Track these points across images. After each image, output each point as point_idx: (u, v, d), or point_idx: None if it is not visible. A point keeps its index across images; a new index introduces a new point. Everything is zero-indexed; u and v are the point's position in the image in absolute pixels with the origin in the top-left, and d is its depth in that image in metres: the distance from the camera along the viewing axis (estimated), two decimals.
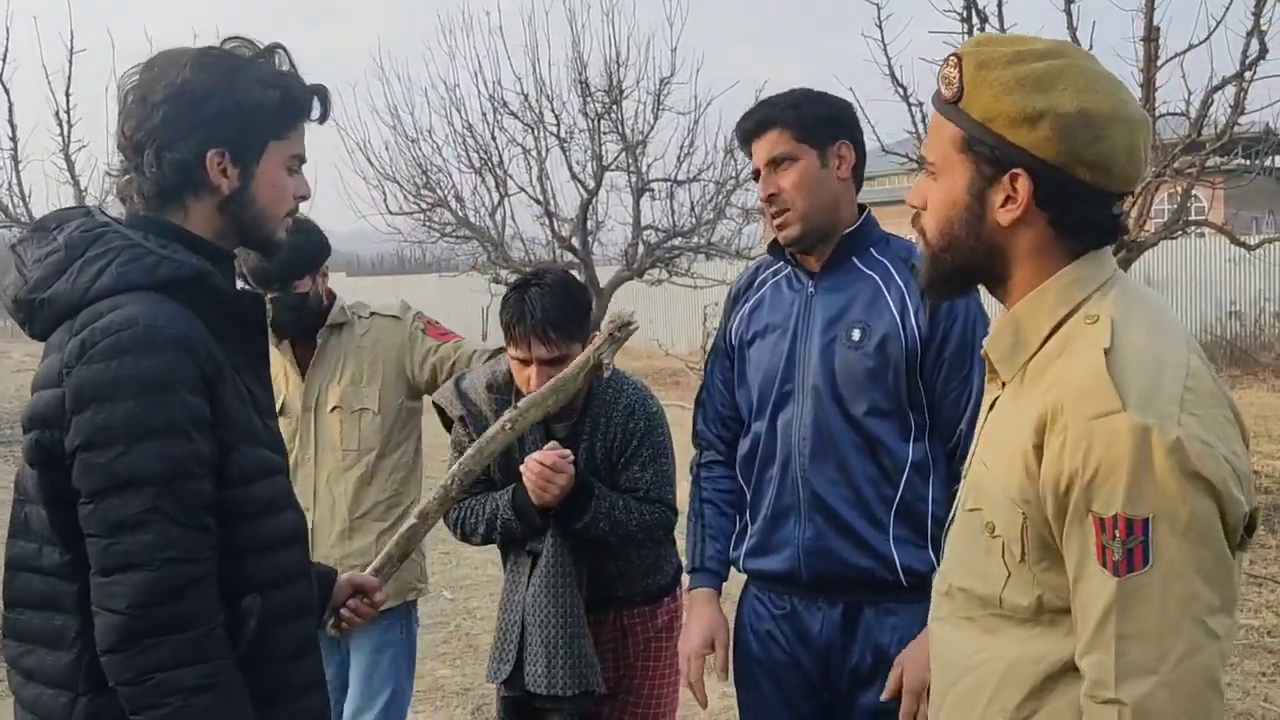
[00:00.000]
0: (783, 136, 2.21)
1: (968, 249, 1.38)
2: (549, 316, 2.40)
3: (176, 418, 1.50)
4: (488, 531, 2.54)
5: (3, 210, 11.82)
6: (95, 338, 1.50)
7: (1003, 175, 1.33)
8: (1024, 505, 1.31)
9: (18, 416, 9.14)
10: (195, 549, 1.51)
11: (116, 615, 1.48)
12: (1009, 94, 1.31)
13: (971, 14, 7.03)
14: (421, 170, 13.57)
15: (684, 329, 20.26)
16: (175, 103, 1.59)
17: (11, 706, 1.66)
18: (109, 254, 1.57)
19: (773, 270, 2.36)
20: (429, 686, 4.58)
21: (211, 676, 1.50)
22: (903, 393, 2.16)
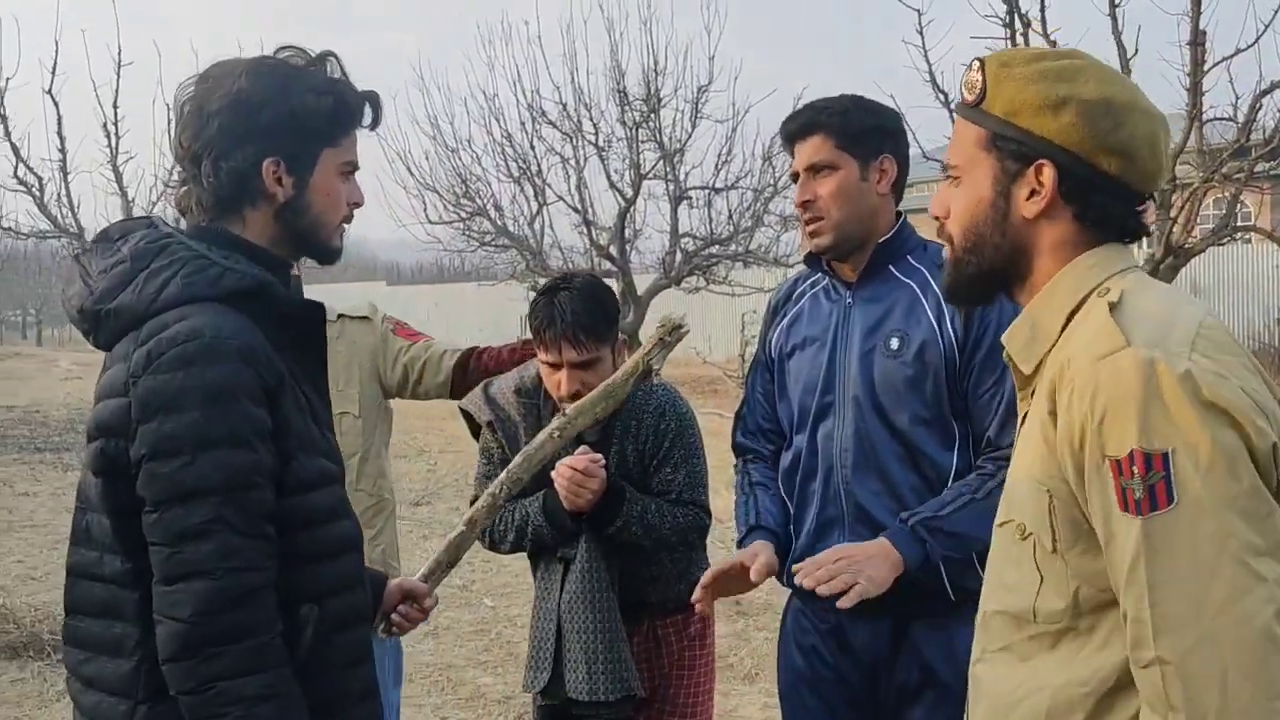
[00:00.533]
0: (825, 143, 2.18)
1: (993, 247, 1.37)
2: (579, 320, 2.40)
3: (239, 428, 1.51)
4: (517, 539, 2.52)
5: (52, 220, 12.03)
6: (162, 348, 1.52)
7: (1027, 168, 1.33)
8: (1048, 482, 1.26)
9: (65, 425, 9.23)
10: (256, 558, 1.52)
11: (179, 623, 1.49)
12: (1032, 84, 1.32)
13: (1014, 19, 6.98)
14: (461, 179, 13.70)
15: (721, 337, 20.21)
16: (231, 112, 1.60)
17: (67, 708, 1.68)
18: (174, 265, 1.58)
19: (810, 282, 2.34)
20: (470, 695, 4.60)
21: (271, 686, 1.50)
22: (944, 400, 2.13)
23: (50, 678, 4.75)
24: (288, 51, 1.69)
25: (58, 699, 4.54)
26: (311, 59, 1.69)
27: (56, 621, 5.30)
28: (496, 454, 2.57)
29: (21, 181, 11.61)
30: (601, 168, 13.13)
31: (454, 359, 2.84)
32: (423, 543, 6.98)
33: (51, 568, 6.55)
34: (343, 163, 1.70)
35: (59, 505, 8.38)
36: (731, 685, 4.56)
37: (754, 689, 4.57)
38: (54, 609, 5.52)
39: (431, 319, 26.91)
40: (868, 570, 1.97)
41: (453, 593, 5.98)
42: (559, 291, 2.45)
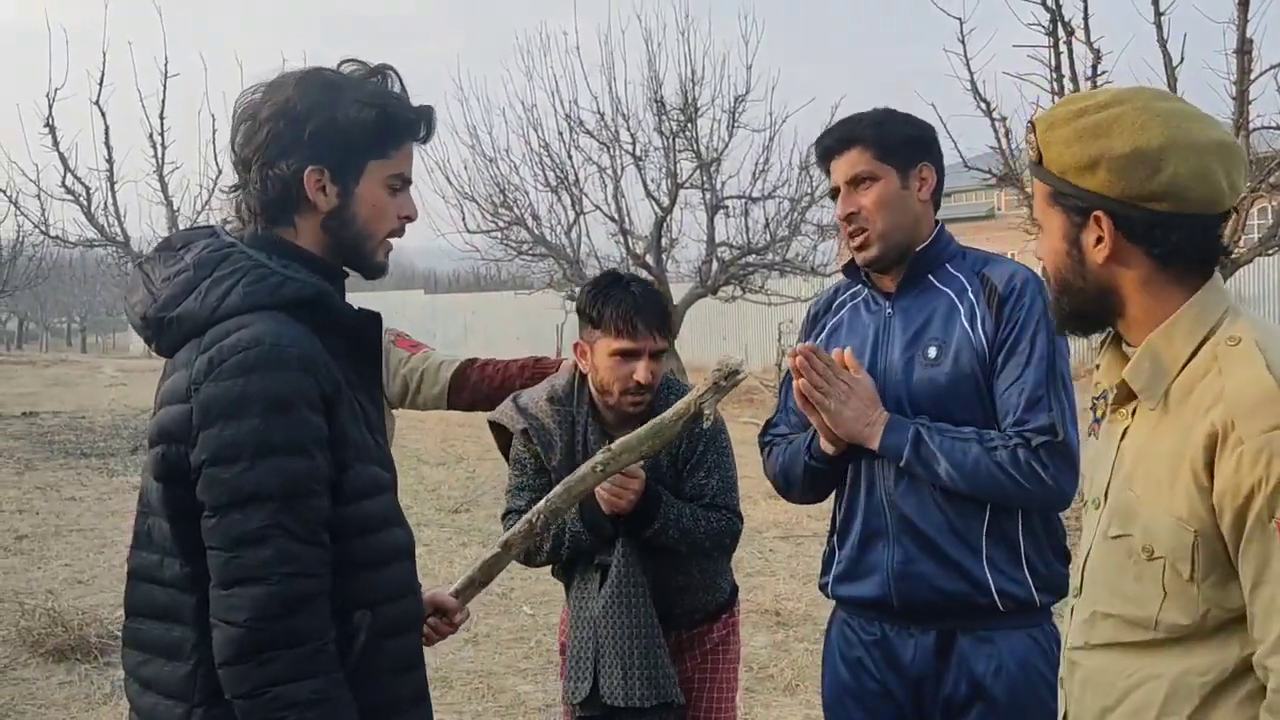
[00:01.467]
0: (864, 155, 2.18)
1: (1078, 290, 1.49)
2: (660, 309, 2.47)
3: (299, 436, 1.54)
4: (554, 548, 2.51)
5: (99, 229, 12.23)
6: (223, 355, 1.54)
7: (1088, 219, 1.45)
8: (1196, 523, 1.36)
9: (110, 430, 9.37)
10: (313, 564, 1.54)
11: (235, 628, 1.51)
12: (1069, 147, 1.44)
13: (1057, 27, 6.93)
14: (499, 189, 13.77)
15: (758, 346, 20.18)
16: (278, 121, 1.63)
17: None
18: (236, 274, 1.61)
19: (851, 293, 2.34)
20: (510, 702, 4.61)
21: (324, 691, 1.52)
22: (984, 403, 2.13)
23: (97, 681, 4.82)
24: (350, 65, 1.71)
25: (104, 701, 4.60)
26: (368, 71, 1.70)
27: (104, 625, 5.39)
28: (530, 464, 2.57)
29: (69, 191, 11.82)
30: (638, 177, 13.15)
31: (450, 370, 2.85)
32: (461, 550, 7.02)
33: (98, 572, 6.65)
34: (390, 175, 1.70)
35: (105, 510, 8.50)
36: (772, 697, 4.54)
37: (795, 700, 4.55)
38: (101, 612, 5.60)
39: (469, 328, 27.08)
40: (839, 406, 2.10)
41: (492, 600, 6.00)
42: (629, 283, 2.50)
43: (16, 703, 4.59)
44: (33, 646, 5.10)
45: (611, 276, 2.55)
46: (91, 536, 7.60)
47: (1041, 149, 1.47)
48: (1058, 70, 7.12)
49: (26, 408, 15.28)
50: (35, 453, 11.43)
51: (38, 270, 22.57)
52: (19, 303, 35.14)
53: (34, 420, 14.12)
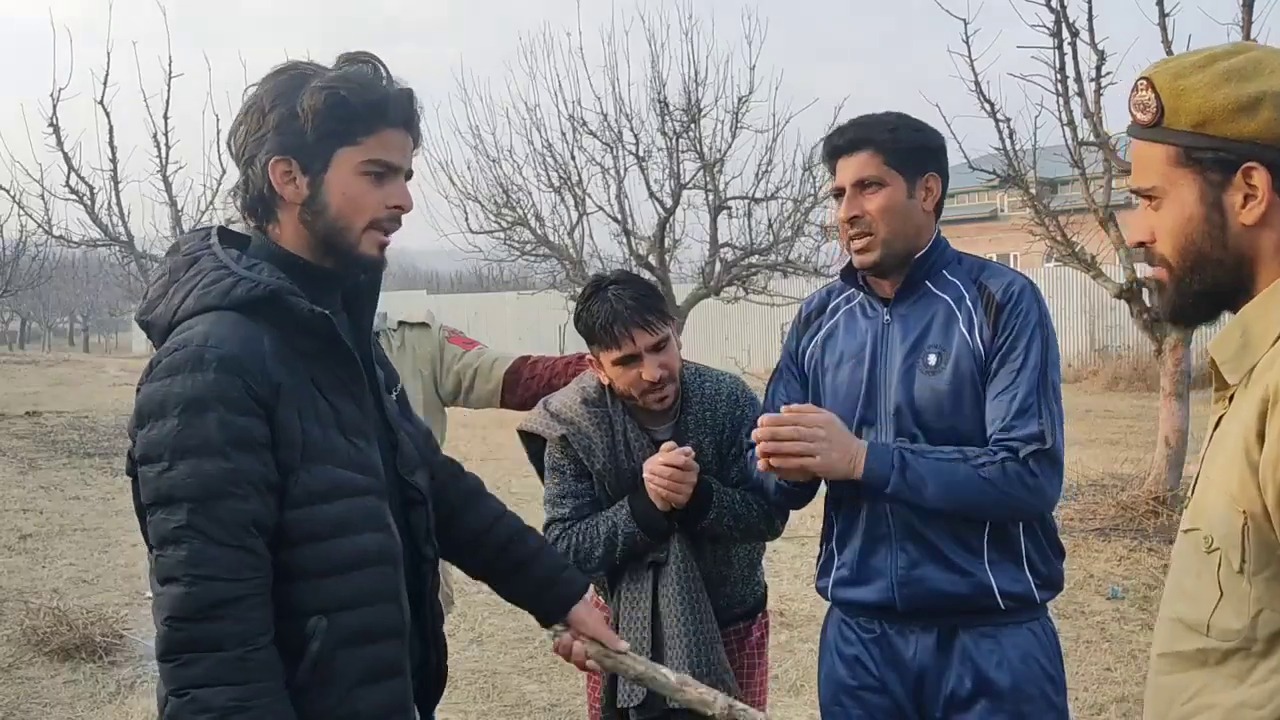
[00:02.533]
0: (874, 160, 2.16)
1: (1216, 262, 1.30)
2: (641, 304, 2.40)
3: (212, 437, 1.51)
4: (607, 552, 2.44)
5: (102, 229, 12.21)
6: (159, 358, 1.58)
7: (1234, 175, 1.27)
8: (1246, 504, 1.21)
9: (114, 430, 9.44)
10: (232, 568, 1.51)
11: (160, 625, 1.53)
12: (1218, 89, 1.26)
13: (1061, 28, 6.92)
14: (502, 189, 13.75)
15: (760, 347, 20.17)
16: (250, 117, 1.65)
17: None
18: (197, 276, 1.63)
19: (845, 297, 2.33)
20: (515, 702, 4.61)
21: (245, 700, 1.49)
22: (983, 410, 2.13)
23: (102, 680, 4.83)
24: (294, 64, 1.68)
25: (109, 700, 4.61)
26: (346, 59, 1.67)
27: (108, 624, 5.40)
28: (570, 469, 2.51)
29: (73, 190, 11.78)
30: (641, 178, 13.11)
31: (505, 367, 2.83)
32: None
33: (102, 571, 6.66)
34: (364, 161, 1.64)
35: (108, 509, 8.51)
36: (777, 697, 4.54)
37: (799, 700, 4.55)
38: (105, 611, 5.61)
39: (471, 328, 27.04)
40: (825, 450, 2.04)
41: (496, 601, 5.98)
42: (606, 288, 2.43)
43: (21, 702, 4.60)
44: (38, 645, 5.11)
45: (591, 287, 2.50)
46: (96, 536, 7.61)
47: (1168, 103, 1.29)
48: (1062, 71, 7.11)
49: (30, 407, 15.29)
50: (39, 452, 11.44)
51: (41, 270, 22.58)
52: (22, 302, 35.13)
53: (37, 420, 14.13)
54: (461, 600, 5.87)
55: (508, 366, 2.85)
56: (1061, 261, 8.70)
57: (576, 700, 4.55)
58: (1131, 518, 7.19)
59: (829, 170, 2.27)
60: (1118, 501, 7.38)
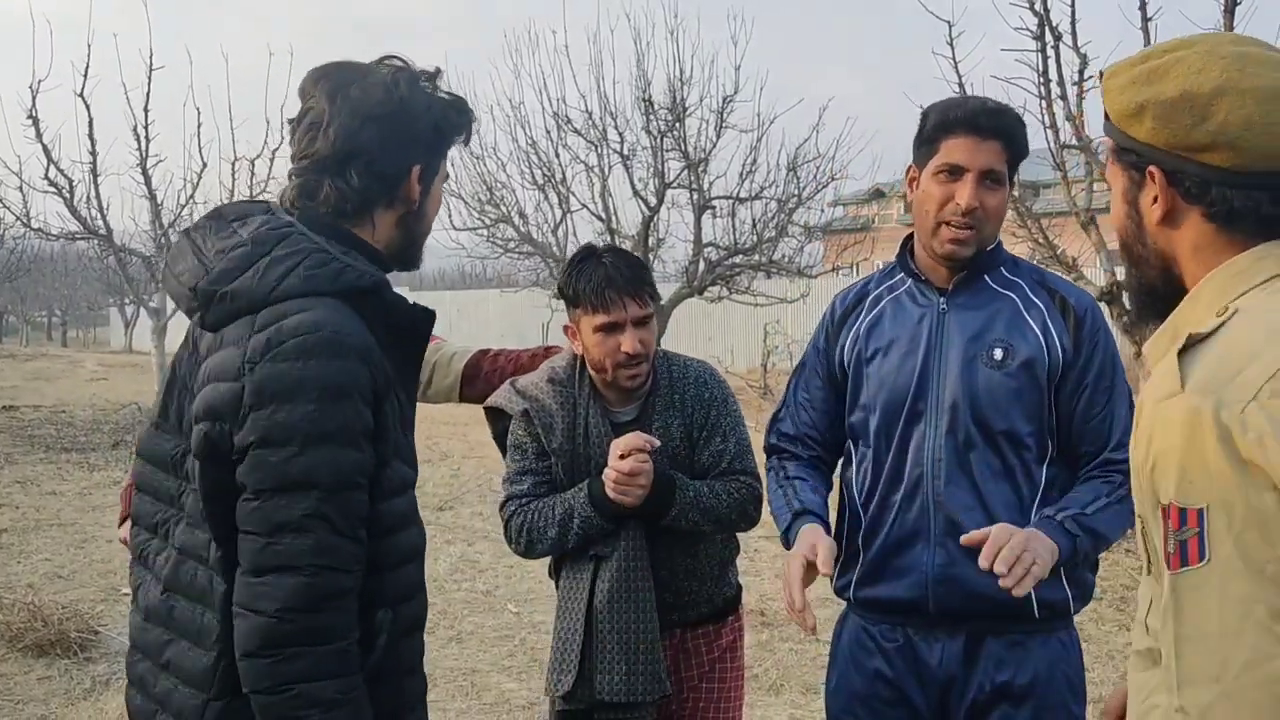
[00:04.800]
0: (1003, 154, 2.07)
1: (1142, 259, 1.34)
2: (636, 275, 2.39)
3: (352, 426, 1.49)
4: (560, 534, 2.40)
5: (81, 222, 12.12)
6: (282, 337, 1.50)
7: (1144, 176, 1.29)
8: (1138, 508, 1.25)
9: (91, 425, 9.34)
10: (348, 560, 1.50)
11: (263, 617, 1.46)
12: (1123, 94, 1.29)
13: (1045, 31, 6.95)
14: (486, 186, 13.73)
15: (743, 347, 20.19)
16: (394, 120, 1.62)
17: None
18: (296, 255, 1.57)
19: (887, 286, 2.24)
20: (495, 700, 4.60)
21: (347, 692, 1.48)
22: (1044, 416, 2.09)
23: (77, 676, 4.78)
24: (398, 62, 1.69)
25: (84, 697, 4.57)
26: (429, 74, 1.71)
27: (84, 620, 5.35)
28: (531, 447, 2.48)
29: (52, 183, 11.68)
30: (626, 176, 13.13)
31: (463, 361, 2.77)
32: (446, 547, 6.99)
33: (78, 567, 6.60)
34: (445, 173, 1.76)
35: (85, 505, 8.44)
36: (757, 696, 4.54)
37: (779, 700, 4.55)
38: (81, 607, 5.56)
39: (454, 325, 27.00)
40: (1037, 550, 1.87)
41: (476, 598, 5.98)
42: (600, 255, 2.42)
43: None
44: (12, 642, 5.06)
45: (584, 251, 2.47)
46: (71, 531, 7.54)
47: (1105, 101, 1.33)
48: (1044, 75, 7.14)
49: (6, 401, 15.14)
50: (15, 447, 11.33)
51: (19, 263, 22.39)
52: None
53: (14, 414, 14.00)
54: (441, 598, 5.86)
55: (466, 360, 2.80)
56: (1043, 263, 8.73)
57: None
58: None
59: (943, 136, 2.08)
60: None
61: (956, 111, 2.08)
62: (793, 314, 16.39)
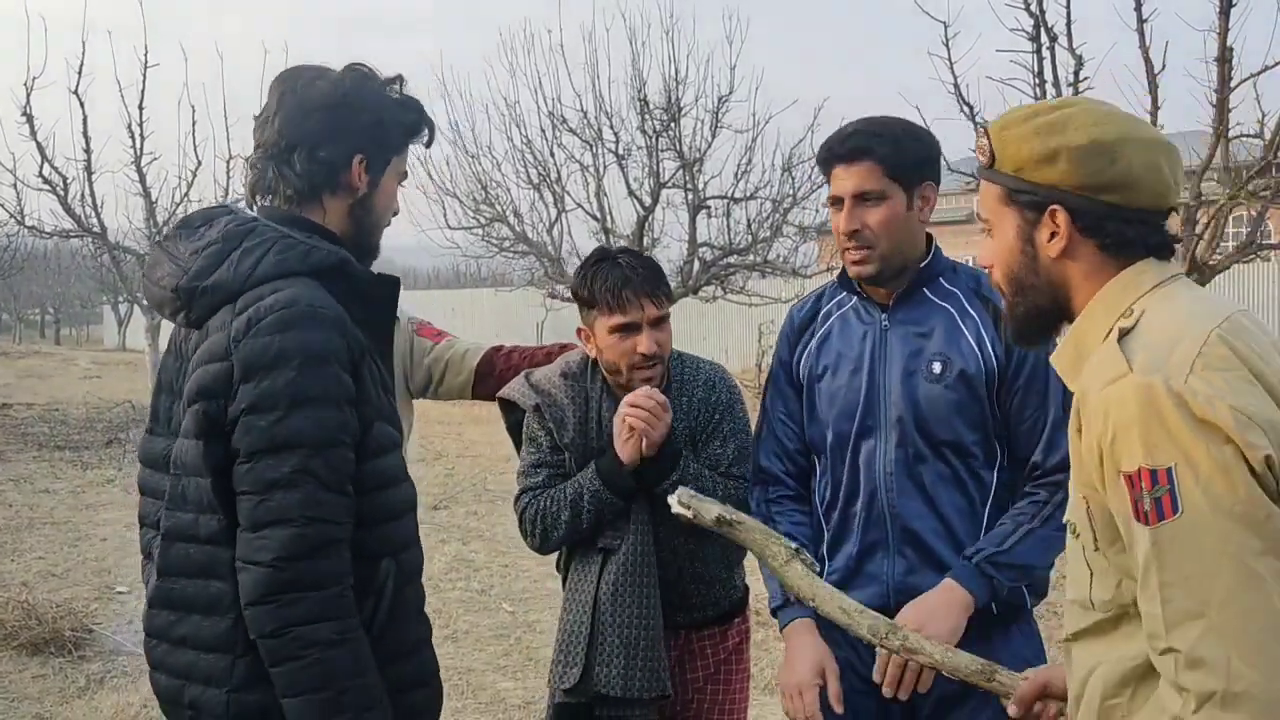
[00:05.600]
0: (874, 171, 2.13)
1: (1032, 287, 1.52)
2: (654, 276, 2.41)
3: (331, 389, 1.63)
4: (573, 515, 2.40)
5: (76, 220, 12.07)
6: (261, 314, 1.64)
7: (1043, 214, 1.49)
8: (1084, 489, 1.40)
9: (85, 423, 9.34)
10: (337, 512, 1.63)
11: (262, 568, 1.59)
12: (1028, 142, 1.48)
13: (1040, 33, 6.97)
14: (481, 185, 13.71)
15: (738, 346, 20.21)
16: (334, 110, 1.78)
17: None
18: (264, 244, 1.71)
19: (836, 302, 2.31)
20: (491, 699, 4.60)
21: (344, 633, 1.62)
22: (987, 423, 2.15)
23: (71, 674, 4.78)
24: (363, 68, 1.86)
25: (79, 695, 4.56)
26: (389, 78, 1.87)
27: (78, 618, 5.34)
28: (545, 441, 2.49)
29: (46, 180, 11.62)
30: (621, 176, 13.13)
31: (476, 358, 2.77)
32: (441, 546, 7.00)
33: (71, 565, 6.59)
34: (401, 171, 1.90)
35: (79, 503, 8.43)
36: (753, 696, 4.51)
37: (774, 700, 4.56)
38: (75, 605, 5.55)
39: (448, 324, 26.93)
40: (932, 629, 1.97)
41: (471, 597, 5.99)
42: (617, 256, 2.43)
43: None
44: (6, 640, 5.05)
45: (599, 253, 2.48)
46: (65, 529, 7.53)
47: (996, 150, 1.52)
48: (1040, 75, 7.16)
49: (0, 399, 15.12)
50: (8, 445, 11.31)
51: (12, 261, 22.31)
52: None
53: (7, 412, 13.97)
54: (436, 598, 5.86)
55: (480, 357, 2.79)
56: None
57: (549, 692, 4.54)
58: None
59: (824, 175, 2.23)
60: None
61: (824, 147, 2.21)
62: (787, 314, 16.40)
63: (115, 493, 8.99)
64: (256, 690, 1.65)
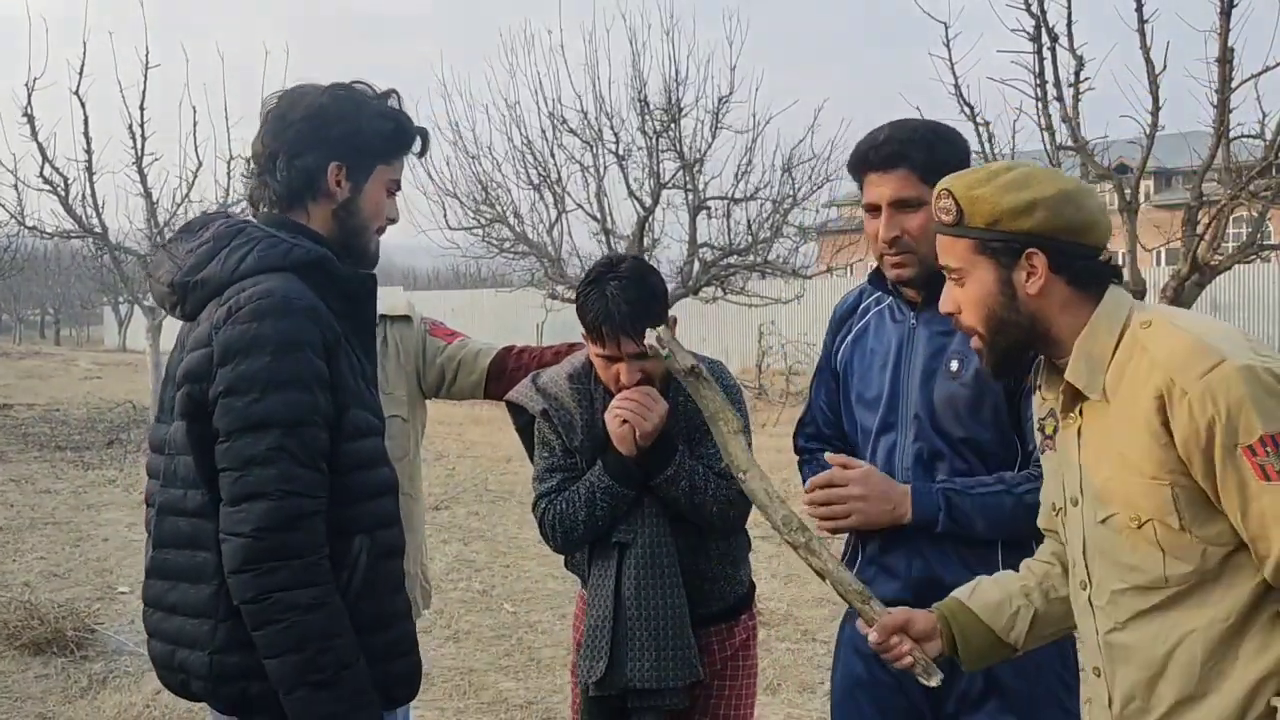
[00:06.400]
0: (910, 178, 2.14)
1: (1013, 324, 1.70)
2: (635, 312, 2.35)
3: (303, 373, 1.75)
4: (589, 513, 2.44)
5: (76, 220, 12.08)
6: (239, 304, 1.77)
7: (1019, 259, 1.67)
8: (1168, 476, 1.55)
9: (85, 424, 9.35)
10: (311, 486, 1.75)
11: (242, 539, 1.71)
12: (1003, 197, 1.66)
13: (1041, 33, 6.97)
14: (481, 186, 13.73)
15: (738, 347, 20.22)
16: (309, 121, 1.91)
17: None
18: (250, 242, 1.86)
19: (875, 299, 2.35)
20: (492, 699, 4.60)
21: (320, 598, 1.74)
22: (1003, 419, 2.16)
23: (74, 674, 4.78)
24: (361, 85, 2.00)
25: (81, 695, 4.56)
26: (380, 92, 2.01)
27: (80, 618, 5.34)
28: (558, 445, 2.51)
29: (47, 181, 11.63)
30: (621, 176, 13.15)
31: (489, 358, 2.77)
32: (442, 547, 7.00)
33: (73, 565, 6.60)
34: (390, 180, 2.01)
35: (80, 503, 8.44)
36: None
37: (776, 699, 4.56)
38: (77, 605, 5.55)
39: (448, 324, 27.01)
40: (861, 509, 2.13)
41: (473, 598, 5.99)
42: (608, 281, 2.39)
43: None
44: (8, 640, 5.05)
45: (596, 272, 2.46)
46: (67, 529, 7.54)
47: (965, 208, 1.68)
48: (1041, 76, 7.17)
49: (0, 400, 15.12)
50: (9, 445, 11.32)
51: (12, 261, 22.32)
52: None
53: (8, 413, 13.99)
54: (439, 598, 5.86)
55: (492, 357, 2.79)
56: None
57: (554, 698, 4.55)
58: None
59: (856, 180, 2.23)
60: None
61: (858, 152, 2.22)
62: (787, 315, 16.41)
63: (116, 493, 9.00)
64: (236, 653, 1.78)
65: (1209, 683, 1.57)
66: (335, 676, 1.74)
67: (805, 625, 5.45)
